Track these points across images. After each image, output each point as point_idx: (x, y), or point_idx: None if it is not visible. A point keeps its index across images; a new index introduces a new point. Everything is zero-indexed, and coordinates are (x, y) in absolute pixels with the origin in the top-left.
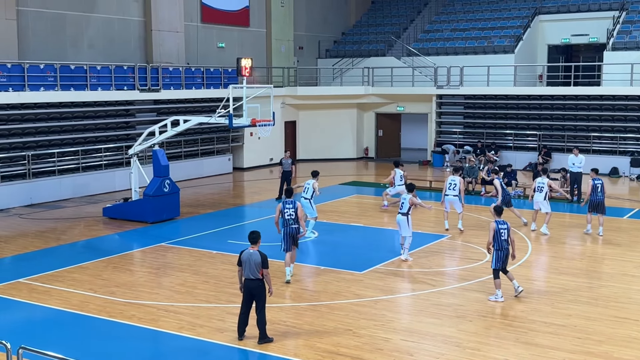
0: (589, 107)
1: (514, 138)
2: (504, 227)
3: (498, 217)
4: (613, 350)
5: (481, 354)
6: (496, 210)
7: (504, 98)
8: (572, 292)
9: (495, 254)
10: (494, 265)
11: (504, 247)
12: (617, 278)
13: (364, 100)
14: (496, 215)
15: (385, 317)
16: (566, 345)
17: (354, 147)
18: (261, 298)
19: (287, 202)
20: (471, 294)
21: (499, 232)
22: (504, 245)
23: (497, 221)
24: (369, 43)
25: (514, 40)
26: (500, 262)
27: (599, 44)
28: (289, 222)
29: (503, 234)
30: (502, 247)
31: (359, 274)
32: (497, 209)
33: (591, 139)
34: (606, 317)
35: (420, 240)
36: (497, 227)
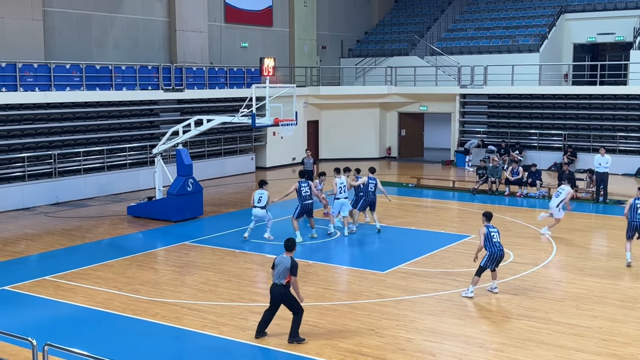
0: (615, 106)
1: (539, 138)
2: (494, 230)
3: (488, 222)
4: (639, 353)
5: (505, 355)
6: (486, 216)
7: (529, 97)
8: (597, 294)
9: (487, 256)
10: (483, 263)
11: (497, 249)
12: None
13: (387, 99)
14: (486, 220)
15: (407, 317)
16: (591, 347)
17: (377, 146)
18: (287, 304)
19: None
20: (494, 295)
21: (490, 235)
22: (497, 247)
23: (487, 226)
24: (392, 42)
25: (539, 39)
26: (491, 263)
27: (626, 43)
28: (305, 198)
29: (494, 236)
30: (495, 250)
31: (381, 274)
32: (487, 214)
33: (617, 138)
34: (632, 319)
35: (443, 240)
36: (487, 231)
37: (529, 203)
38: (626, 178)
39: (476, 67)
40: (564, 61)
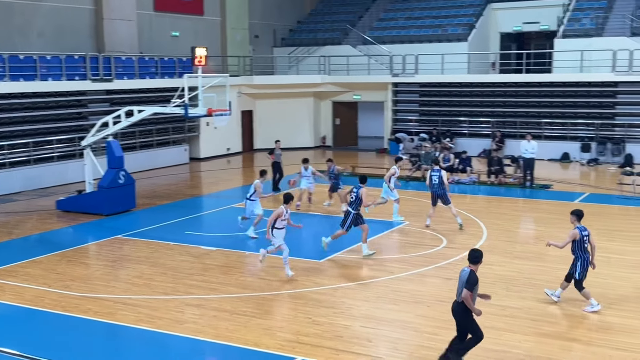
0: (540, 93)
1: (469, 125)
2: (587, 234)
3: (579, 222)
4: (566, 331)
5: (439, 338)
6: (577, 215)
7: (458, 86)
8: (526, 276)
9: (580, 264)
10: (579, 276)
11: (587, 256)
12: (569, 260)
13: (321, 89)
14: (577, 220)
15: (344, 304)
16: (521, 327)
17: (312, 135)
18: (460, 324)
19: (355, 187)
20: (429, 280)
21: (583, 239)
22: (587, 253)
23: (579, 228)
24: (324, 32)
25: (467, 29)
26: (584, 272)
27: (550, 32)
28: (349, 203)
29: (586, 241)
30: (588, 256)
31: (318, 262)
32: (578, 213)
33: (543, 125)
34: (560, 299)
35: (380, 227)
36: (580, 235)
37: (460, 189)
38: (551, 163)
39: (407, 56)
40: (491, 50)
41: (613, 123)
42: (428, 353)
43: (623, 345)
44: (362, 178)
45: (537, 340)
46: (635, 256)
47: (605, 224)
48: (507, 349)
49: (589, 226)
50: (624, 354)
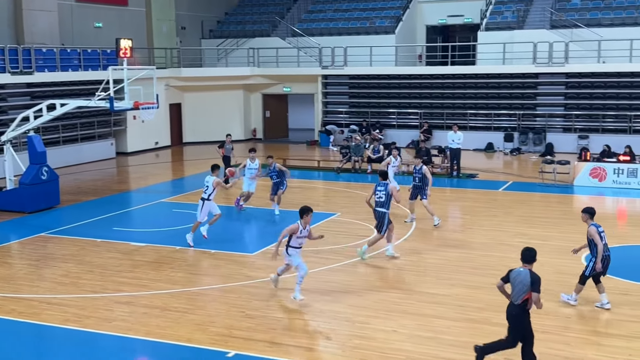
0: (465, 85)
1: (397, 116)
2: (601, 229)
3: (592, 219)
4: (492, 317)
5: (370, 327)
6: (590, 213)
7: (387, 78)
8: (454, 263)
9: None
10: (589, 273)
11: (608, 253)
12: (495, 247)
13: (250, 81)
14: (590, 217)
15: (277, 297)
16: (450, 314)
17: (242, 128)
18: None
19: (379, 184)
20: (360, 270)
21: (601, 235)
22: (607, 250)
23: (595, 225)
24: (253, 23)
25: (394, 21)
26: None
27: (474, 25)
28: (377, 204)
29: (604, 237)
30: (606, 254)
31: (250, 256)
32: (590, 211)
33: (468, 116)
34: (485, 285)
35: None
36: (599, 230)
37: None
38: (477, 153)
39: (336, 49)
40: (418, 42)
41: (534, 113)
42: (361, 342)
43: (544, 328)
44: (383, 174)
45: (466, 326)
46: (555, 241)
47: (527, 211)
48: (436, 335)
49: (511, 213)
50: (545, 335)
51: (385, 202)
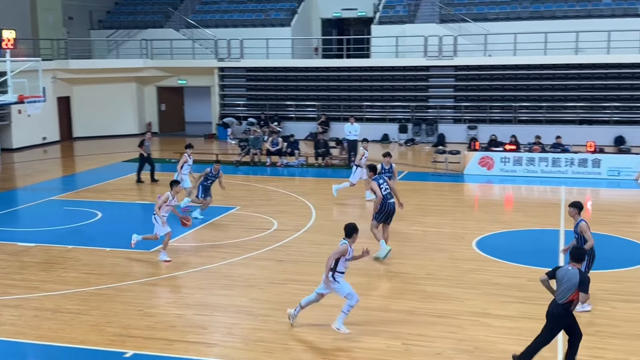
0: (360, 78)
1: (295, 109)
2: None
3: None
4: (391, 303)
5: (273, 320)
6: (579, 207)
7: (284, 70)
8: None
9: (590, 258)
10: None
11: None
12: (393, 236)
13: (144, 73)
14: (578, 213)
15: (177, 293)
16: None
17: (136, 122)
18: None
19: (379, 178)
20: (261, 263)
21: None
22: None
23: (584, 220)
24: (145, 14)
25: (290, 14)
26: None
27: (367, 18)
28: (387, 197)
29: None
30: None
31: (148, 253)
32: (579, 205)
33: (364, 108)
34: (384, 273)
35: (209, 213)
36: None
37: (289, 172)
38: (373, 144)
39: (232, 41)
40: (313, 35)
41: (427, 105)
42: (264, 335)
43: (442, 312)
44: (373, 167)
45: (366, 314)
46: (449, 229)
47: (422, 200)
48: (385, 328)
49: (407, 203)
50: (443, 319)
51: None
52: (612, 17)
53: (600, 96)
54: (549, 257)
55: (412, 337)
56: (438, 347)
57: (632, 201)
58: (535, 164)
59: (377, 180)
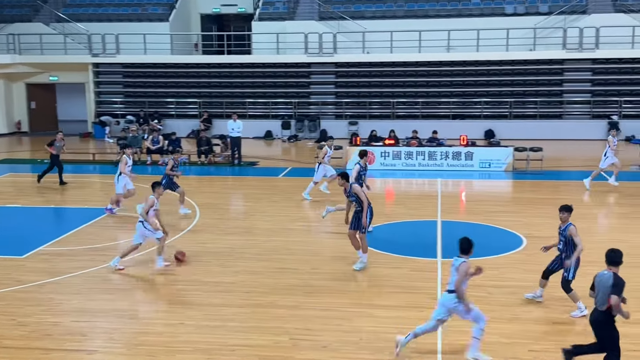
0: (242, 74)
1: (176, 106)
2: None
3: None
4: (277, 300)
5: (156, 322)
6: (569, 210)
7: (163, 66)
8: (238, 250)
9: (576, 265)
10: (572, 276)
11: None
12: (278, 232)
13: (11, 69)
14: (569, 214)
15: (53, 300)
16: (236, 300)
17: (4, 121)
18: (599, 336)
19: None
20: (142, 266)
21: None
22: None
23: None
24: (11, 7)
25: (168, 9)
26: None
27: (248, 14)
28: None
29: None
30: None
31: (20, 259)
32: (569, 208)
33: (247, 104)
34: (269, 270)
35: (87, 215)
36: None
37: None
38: (256, 141)
39: (107, 36)
40: (193, 31)
41: (309, 101)
42: (147, 339)
43: (327, 305)
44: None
45: (252, 311)
46: (332, 222)
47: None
48: (223, 323)
49: (291, 199)
50: (329, 312)
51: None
52: (481, 16)
53: (471, 92)
54: (429, 247)
55: (298, 332)
56: (324, 340)
57: (503, 191)
58: (413, 157)
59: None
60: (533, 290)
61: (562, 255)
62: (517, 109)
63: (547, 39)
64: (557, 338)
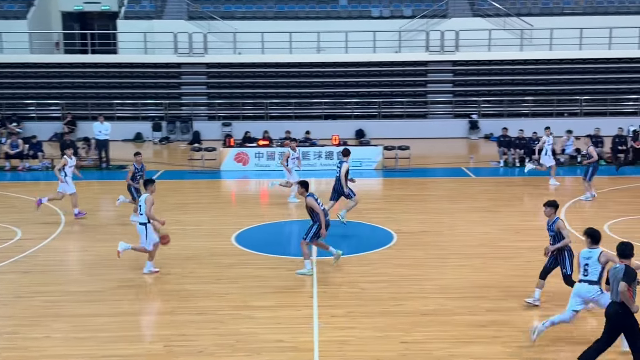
0: (109, 74)
1: (37, 108)
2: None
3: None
4: (150, 306)
5: (20, 337)
6: (555, 206)
7: (21, 66)
8: (108, 258)
9: (569, 257)
10: (571, 271)
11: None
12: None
13: None
14: (555, 212)
15: None
16: (105, 310)
17: None
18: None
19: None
20: (4, 277)
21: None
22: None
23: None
24: None
25: (25, 6)
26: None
27: (113, 13)
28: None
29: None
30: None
31: None
32: (555, 204)
33: (114, 106)
34: (142, 276)
35: None
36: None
37: (33, 176)
38: (126, 143)
39: None
40: (53, 29)
41: (180, 102)
42: (10, 354)
43: (202, 309)
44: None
45: (123, 320)
46: (208, 225)
47: (180, 198)
48: (93, 333)
49: (165, 202)
50: (204, 316)
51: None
52: (349, 18)
53: (341, 93)
54: None
55: (173, 338)
56: (200, 344)
57: (373, 189)
58: None
59: (313, 196)
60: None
61: (560, 257)
62: (385, 109)
63: (411, 42)
64: (427, 329)
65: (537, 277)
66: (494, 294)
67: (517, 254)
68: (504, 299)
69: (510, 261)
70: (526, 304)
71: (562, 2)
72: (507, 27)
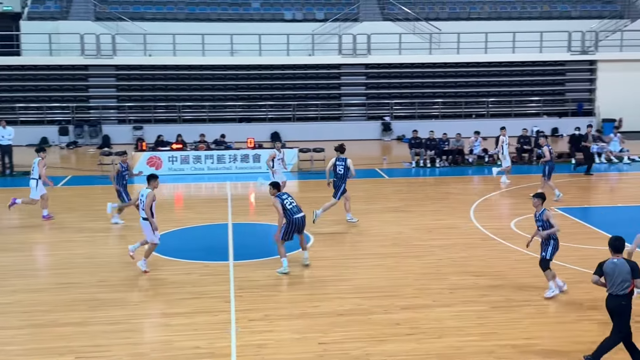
0: (10, 77)
1: None
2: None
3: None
4: (59, 318)
5: None
6: (542, 198)
7: None
8: (15, 268)
9: (553, 244)
10: (550, 256)
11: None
12: (59, 245)
13: None
14: (542, 203)
15: None
16: (14, 322)
17: None
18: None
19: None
20: None
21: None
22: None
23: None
24: None
25: None
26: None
27: (15, 13)
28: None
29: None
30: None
31: None
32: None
33: (17, 110)
34: (51, 286)
35: None
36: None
37: None
38: (30, 148)
39: None
40: None
41: (88, 106)
42: None
43: (116, 319)
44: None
45: (33, 332)
46: (118, 231)
47: (90, 204)
48: (1, 347)
49: (72, 210)
50: (118, 326)
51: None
52: (262, 21)
53: (256, 95)
54: (220, 250)
55: (85, 349)
56: (114, 355)
57: (290, 191)
58: (202, 161)
59: (280, 197)
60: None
61: (543, 241)
62: (299, 111)
63: (324, 45)
64: (344, 329)
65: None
66: (408, 292)
67: (429, 252)
68: (418, 296)
69: (422, 259)
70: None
71: (469, 7)
72: (417, 31)
